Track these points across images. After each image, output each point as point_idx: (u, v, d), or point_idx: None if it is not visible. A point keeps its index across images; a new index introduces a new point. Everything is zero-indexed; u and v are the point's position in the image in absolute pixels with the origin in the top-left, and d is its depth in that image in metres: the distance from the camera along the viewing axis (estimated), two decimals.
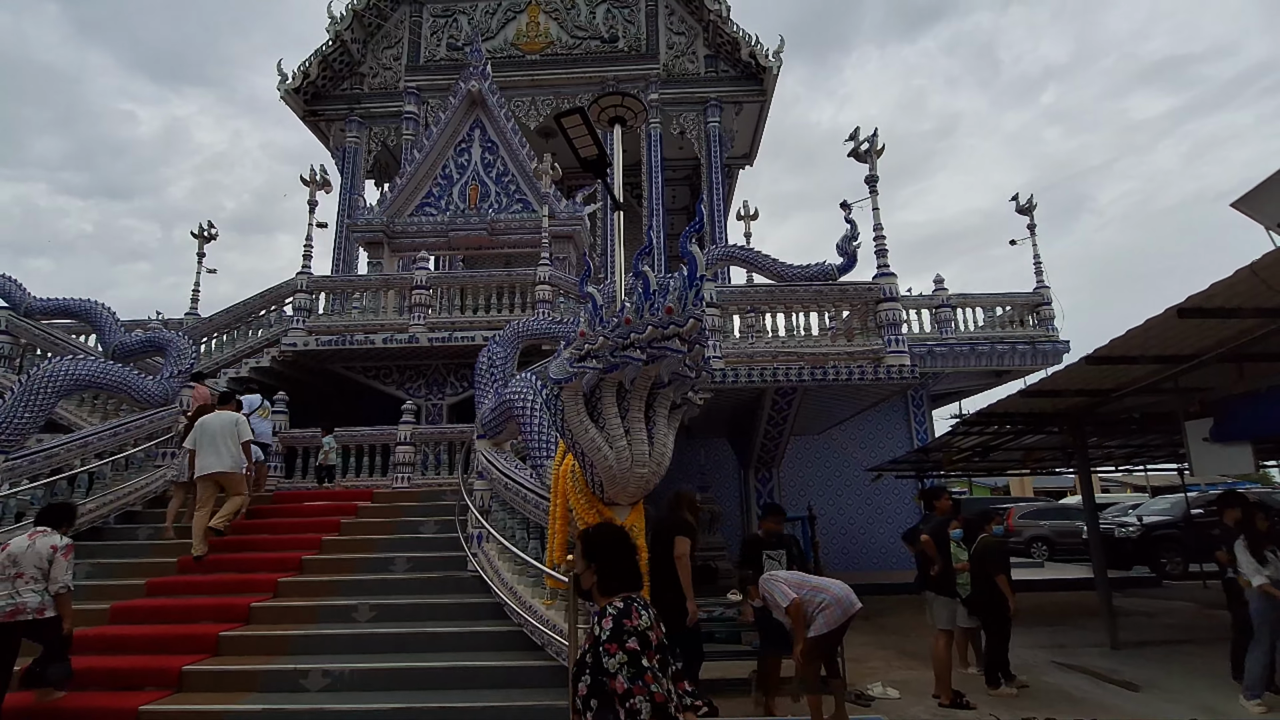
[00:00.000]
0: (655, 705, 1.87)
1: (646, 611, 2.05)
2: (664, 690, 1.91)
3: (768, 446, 10.53)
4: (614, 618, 1.99)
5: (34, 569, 4.32)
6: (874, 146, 8.46)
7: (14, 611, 4.20)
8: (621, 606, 2.03)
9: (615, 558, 2.15)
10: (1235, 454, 5.86)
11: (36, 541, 4.43)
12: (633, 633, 1.94)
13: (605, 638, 1.95)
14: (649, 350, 3.68)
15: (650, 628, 2.01)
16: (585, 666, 1.97)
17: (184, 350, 9.06)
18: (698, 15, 15.57)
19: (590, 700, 1.93)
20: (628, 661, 1.89)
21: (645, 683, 1.88)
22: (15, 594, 4.24)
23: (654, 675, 1.91)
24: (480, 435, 6.74)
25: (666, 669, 2.02)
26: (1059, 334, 11.52)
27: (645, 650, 1.94)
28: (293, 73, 15.30)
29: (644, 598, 2.13)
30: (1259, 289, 4.11)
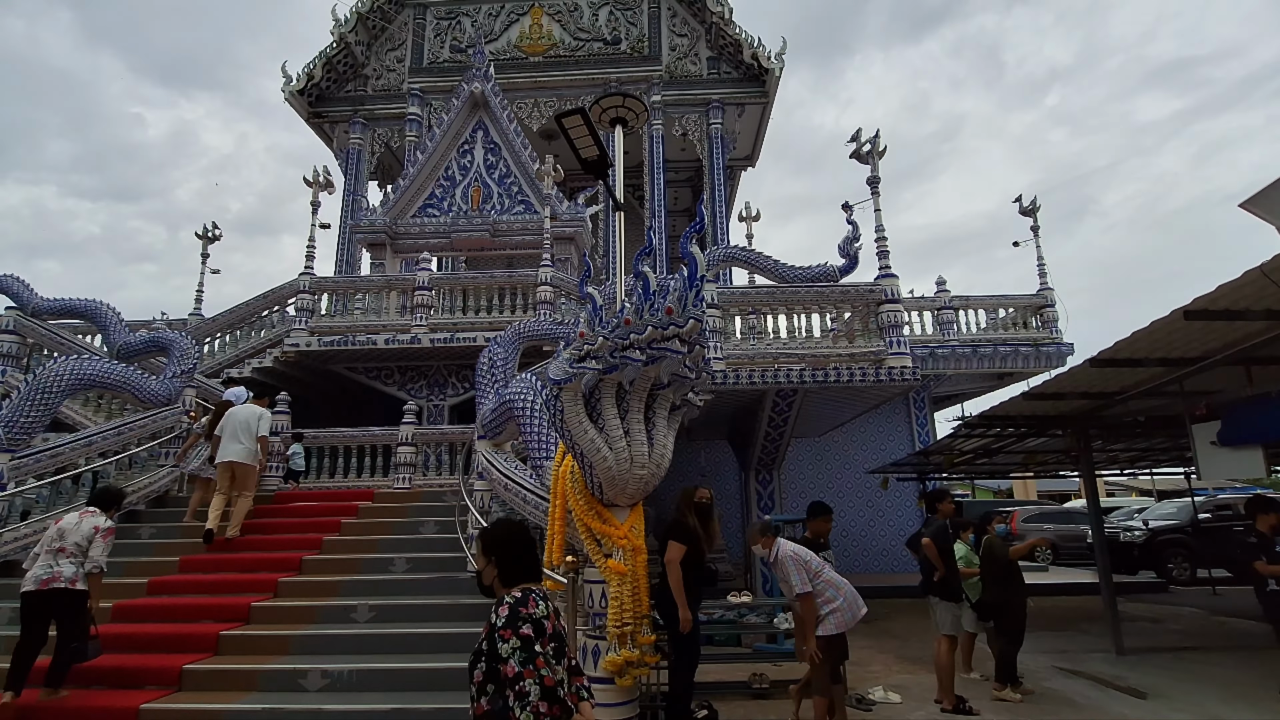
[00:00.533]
0: (544, 688, 1.93)
1: (544, 602, 2.12)
2: (554, 675, 1.98)
3: (768, 449, 10.49)
4: (510, 606, 2.05)
5: (75, 545, 4.66)
6: (876, 148, 8.43)
7: (50, 579, 4.51)
8: (519, 596, 2.09)
9: (514, 551, 2.22)
10: (1245, 458, 5.79)
11: (84, 521, 4.78)
12: (527, 619, 2.01)
13: (500, 625, 2.00)
14: (649, 351, 3.67)
15: (546, 617, 2.07)
16: (481, 655, 2.03)
17: (187, 350, 9.09)
18: (700, 17, 15.58)
19: (486, 686, 2.00)
20: (520, 646, 1.96)
21: (536, 666, 1.94)
22: (55, 564, 4.57)
23: (545, 660, 1.97)
24: (481, 436, 6.73)
25: (562, 658, 2.09)
26: (1062, 336, 11.46)
27: (539, 637, 2.00)
28: (297, 75, 15.36)
29: (543, 589, 2.20)
30: (1268, 291, 4.07)
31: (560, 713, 1.98)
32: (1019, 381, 11.93)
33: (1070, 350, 11.35)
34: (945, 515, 5.97)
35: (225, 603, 5.80)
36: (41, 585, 4.50)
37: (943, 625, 5.64)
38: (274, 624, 5.52)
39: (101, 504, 5.00)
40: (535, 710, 1.92)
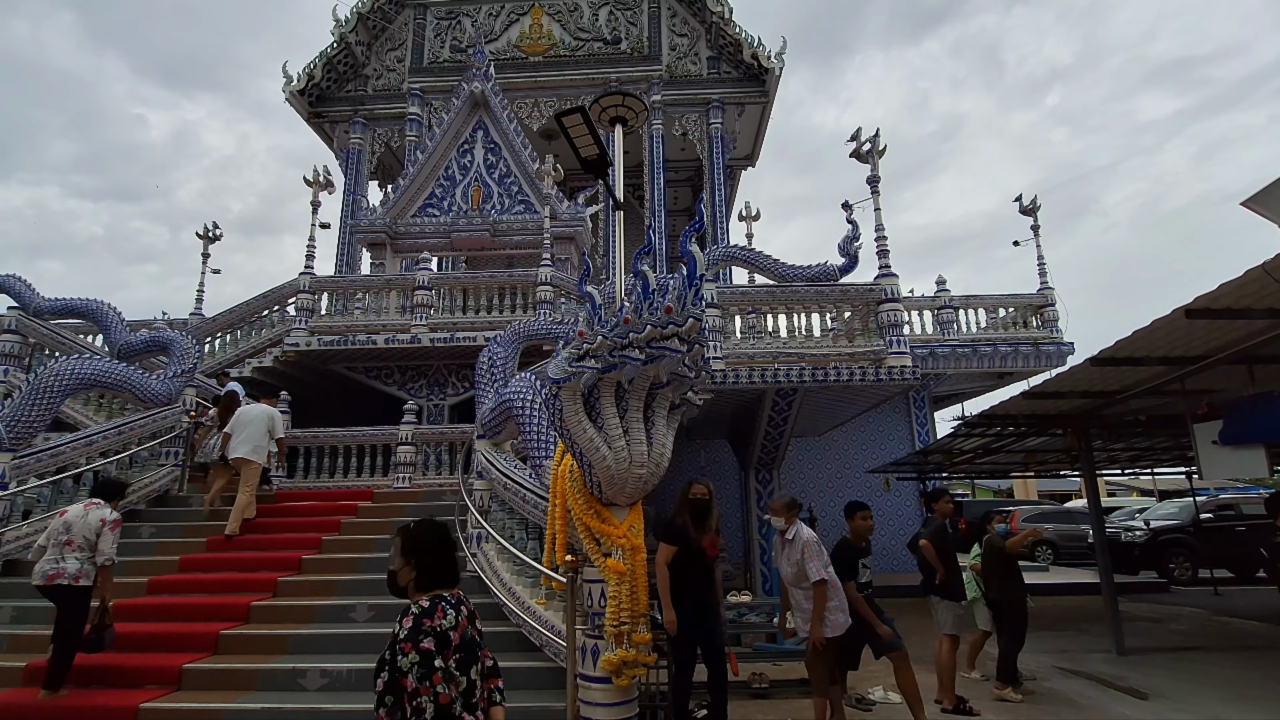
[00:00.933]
0: (439, 706, 1.94)
1: (455, 610, 2.09)
2: (452, 691, 1.97)
3: (768, 448, 10.48)
4: (415, 617, 2.03)
5: (82, 539, 4.69)
6: (875, 147, 8.42)
7: (54, 575, 4.59)
8: (426, 606, 2.07)
9: (436, 557, 2.18)
10: (1247, 457, 5.78)
11: (90, 513, 4.79)
12: (430, 632, 1.99)
13: (402, 637, 1.99)
14: (648, 350, 3.66)
15: (454, 627, 2.05)
16: (384, 663, 2.02)
17: (187, 350, 9.09)
18: (700, 17, 15.57)
19: (385, 696, 1.99)
20: (419, 661, 1.95)
21: (432, 683, 1.94)
22: (60, 559, 4.62)
23: (444, 676, 1.97)
24: (480, 435, 6.72)
25: (469, 667, 2.06)
26: (1063, 335, 11.44)
27: (442, 650, 1.99)
28: (297, 75, 15.37)
29: (456, 595, 2.16)
30: (1271, 289, 4.06)
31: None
32: (1019, 381, 11.92)
33: (1070, 349, 11.33)
34: (944, 515, 5.96)
35: (225, 602, 5.79)
36: (46, 581, 4.60)
37: (943, 625, 5.64)
38: (273, 623, 5.51)
39: (105, 495, 5.05)
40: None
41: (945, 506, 6.00)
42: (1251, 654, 6.98)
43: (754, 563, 10.74)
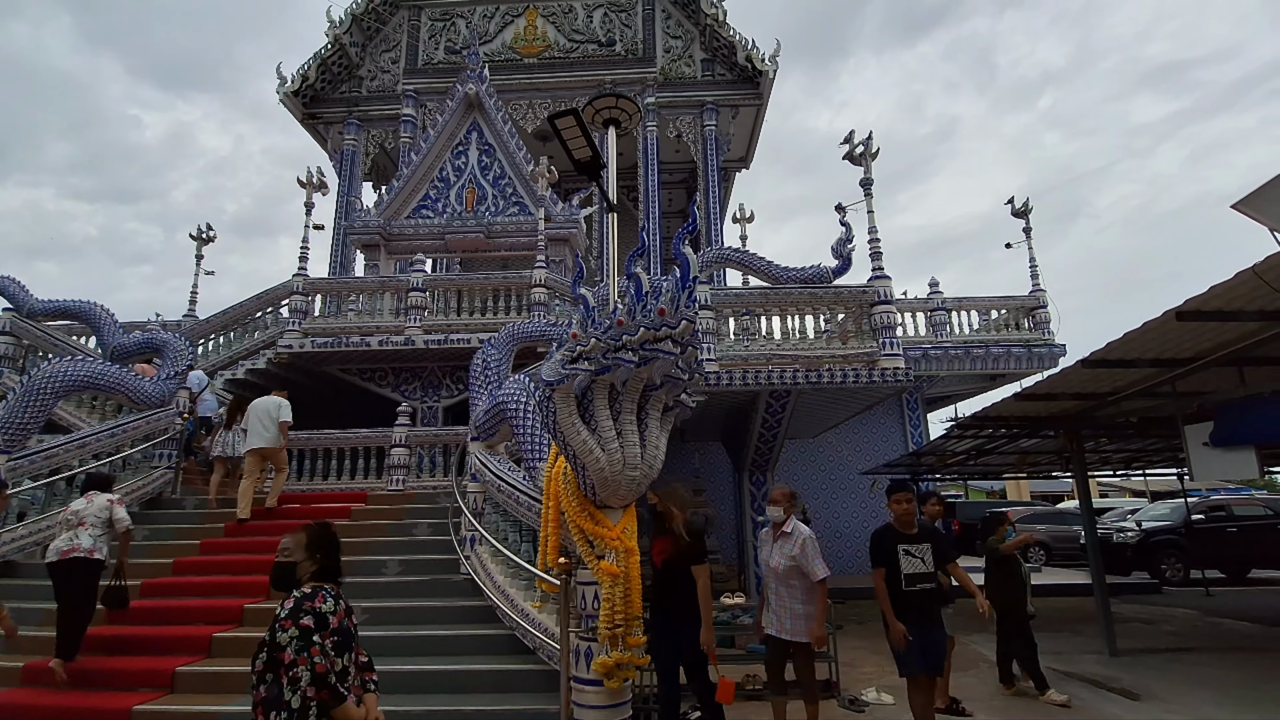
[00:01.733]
0: (315, 674, 2.05)
1: (334, 599, 2.24)
2: (327, 663, 2.08)
3: (762, 450, 10.50)
4: (297, 600, 2.18)
5: (95, 518, 5.09)
6: (869, 149, 8.45)
7: (70, 550, 4.91)
8: (308, 592, 2.23)
9: (334, 555, 2.40)
10: (1238, 459, 5.82)
11: (94, 500, 5.22)
12: (310, 613, 2.14)
13: (283, 615, 2.14)
14: (641, 352, 3.66)
15: (333, 612, 2.19)
16: (264, 644, 2.15)
17: (181, 352, 9.05)
18: (694, 19, 15.60)
19: (265, 675, 2.12)
20: (297, 635, 2.09)
21: (310, 654, 2.06)
22: (75, 537, 4.97)
23: (321, 650, 2.09)
24: (474, 437, 6.71)
25: (344, 652, 2.18)
26: (1055, 337, 11.50)
27: (320, 630, 2.12)
28: (292, 76, 15.34)
29: (337, 589, 2.33)
30: (1261, 291, 4.09)
31: (329, 697, 2.08)
32: (1012, 382, 11.97)
33: (1063, 351, 11.39)
34: (933, 517, 5.91)
35: (218, 605, 5.77)
36: (62, 555, 4.89)
37: None
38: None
39: (98, 486, 5.44)
40: (304, 694, 2.03)
41: (934, 509, 5.94)
42: (1243, 655, 7.02)
43: (748, 565, 10.75)
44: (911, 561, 4.17)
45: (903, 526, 4.29)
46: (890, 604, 4.12)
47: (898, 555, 4.16)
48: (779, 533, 4.43)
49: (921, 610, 4.10)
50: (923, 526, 4.36)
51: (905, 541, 4.23)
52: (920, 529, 4.31)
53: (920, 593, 4.12)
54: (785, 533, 4.37)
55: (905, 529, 4.28)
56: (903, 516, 4.29)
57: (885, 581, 4.14)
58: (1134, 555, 13.25)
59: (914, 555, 4.18)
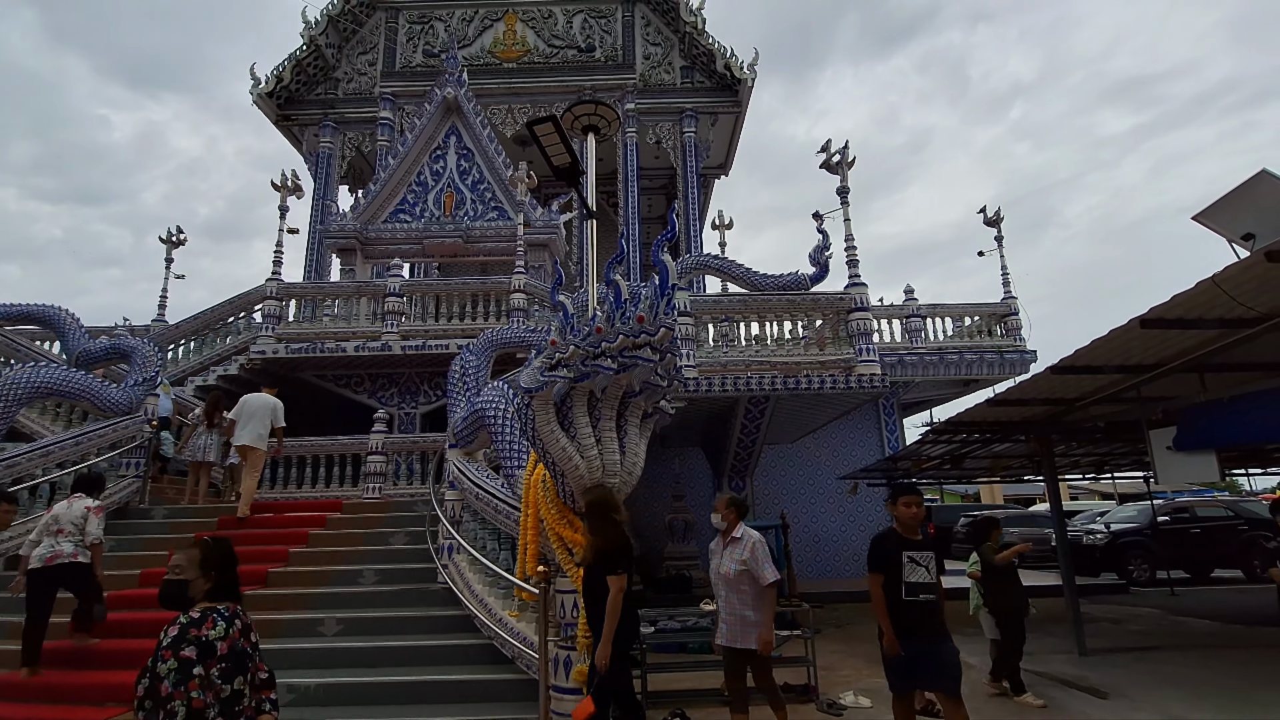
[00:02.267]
0: (190, 710, 2.00)
1: (225, 622, 2.17)
2: (205, 699, 2.04)
3: (741, 455, 10.56)
4: (181, 626, 2.11)
5: (71, 525, 5.19)
6: (845, 158, 8.58)
7: (53, 557, 5.05)
8: (196, 616, 2.15)
9: (229, 572, 2.31)
10: (1200, 462, 5.99)
11: (74, 504, 5.31)
12: (194, 641, 2.07)
13: (165, 644, 2.07)
14: (620, 359, 3.68)
15: (223, 638, 2.12)
16: (147, 670, 2.09)
17: (149, 358, 8.85)
18: (674, 27, 15.71)
19: (145, 701, 2.05)
20: (176, 668, 2.02)
21: (187, 689, 2.01)
22: (55, 544, 5.10)
23: (201, 683, 2.03)
24: (452, 445, 6.66)
25: (234, 677, 2.12)
26: (1026, 344, 11.74)
27: (204, 659, 2.06)
28: (266, 77, 15.12)
29: (232, 609, 2.24)
30: (1220, 300, 4.22)
31: None
32: (985, 388, 12.19)
33: (1034, 357, 11.63)
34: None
35: None
36: (46, 562, 5.01)
37: None
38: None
39: (86, 489, 5.52)
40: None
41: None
42: (1205, 652, 7.21)
43: None
44: (916, 570, 3.81)
45: (907, 531, 3.92)
46: (887, 614, 3.81)
47: (900, 562, 3.82)
48: (728, 540, 4.30)
49: (922, 622, 3.74)
50: (927, 534, 4.00)
51: (910, 548, 3.85)
52: (925, 537, 3.95)
53: (922, 604, 3.76)
54: (735, 538, 4.24)
55: (910, 534, 3.91)
56: (909, 521, 3.91)
57: (883, 589, 3.82)
58: (1103, 556, 13.54)
59: (919, 563, 3.82)
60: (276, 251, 10.97)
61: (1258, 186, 4.49)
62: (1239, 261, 3.81)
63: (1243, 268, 3.79)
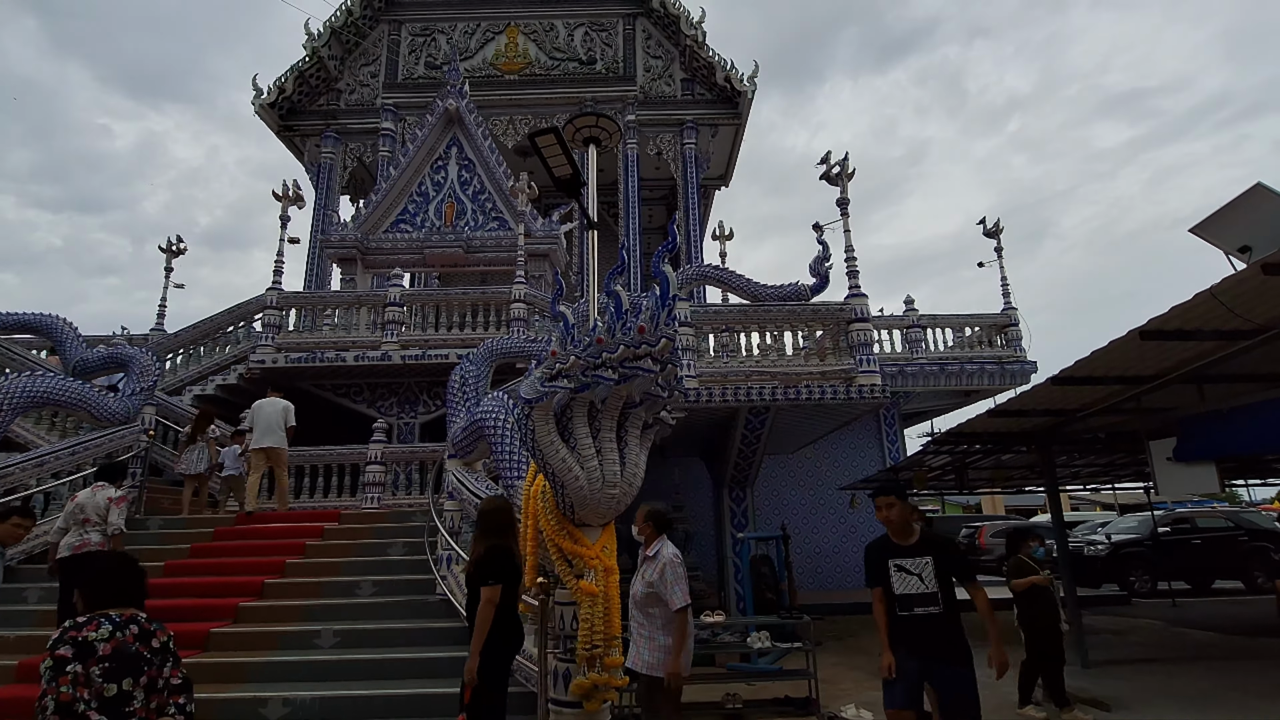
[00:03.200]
0: (59, 704, 2.08)
1: (112, 626, 2.25)
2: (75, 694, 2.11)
3: (741, 466, 10.53)
4: (64, 629, 2.21)
5: (95, 515, 5.33)
6: (844, 170, 8.61)
7: (81, 545, 5.21)
8: (81, 620, 2.25)
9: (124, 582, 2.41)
10: (1200, 473, 5.98)
11: (97, 493, 5.42)
12: (70, 642, 2.15)
13: (48, 646, 2.17)
14: (621, 370, 3.67)
15: (106, 639, 2.20)
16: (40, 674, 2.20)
17: (147, 367, 8.83)
18: (674, 40, 15.83)
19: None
20: (51, 666, 2.11)
21: (57, 684, 2.09)
22: (84, 532, 5.26)
23: (74, 680, 2.11)
24: (451, 455, 6.64)
25: (120, 678, 2.19)
26: (1026, 354, 11.75)
27: (84, 658, 2.14)
28: (268, 88, 15.21)
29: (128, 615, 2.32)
30: (1218, 312, 4.23)
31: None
32: (985, 398, 12.19)
33: (1034, 368, 11.63)
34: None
35: (182, 629, 5.55)
36: (75, 550, 5.19)
37: None
38: (233, 651, 5.35)
39: (109, 477, 5.64)
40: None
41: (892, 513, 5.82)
42: (1207, 664, 7.17)
43: (727, 581, 10.73)
44: (905, 579, 3.43)
45: (897, 537, 3.53)
46: (886, 631, 3.48)
47: (889, 572, 3.49)
48: (644, 557, 3.98)
49: (923, 640, 3.32)
50: (926, 537, 3.52)
51: (898, 555, 3.49)
52: (921, 539, 3.49)
53: (919, 619, 3.35)
54: (649, 556, 3.91)
55: (900, 539, 3.52)
56: (891, 524, 3.54)
57: (884, 604, 3.50)
58: (1104, 567, 13.48)
59: (909, 571, 3.42)
60: (277, 261, 10.99)
61: (1253, 199, 4.52)
62: (1236, 273, 3.83)
63: (1239, 280, 3.80)
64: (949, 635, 3.28)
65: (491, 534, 3.71)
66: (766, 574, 9.88)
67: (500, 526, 3.81)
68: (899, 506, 3.49)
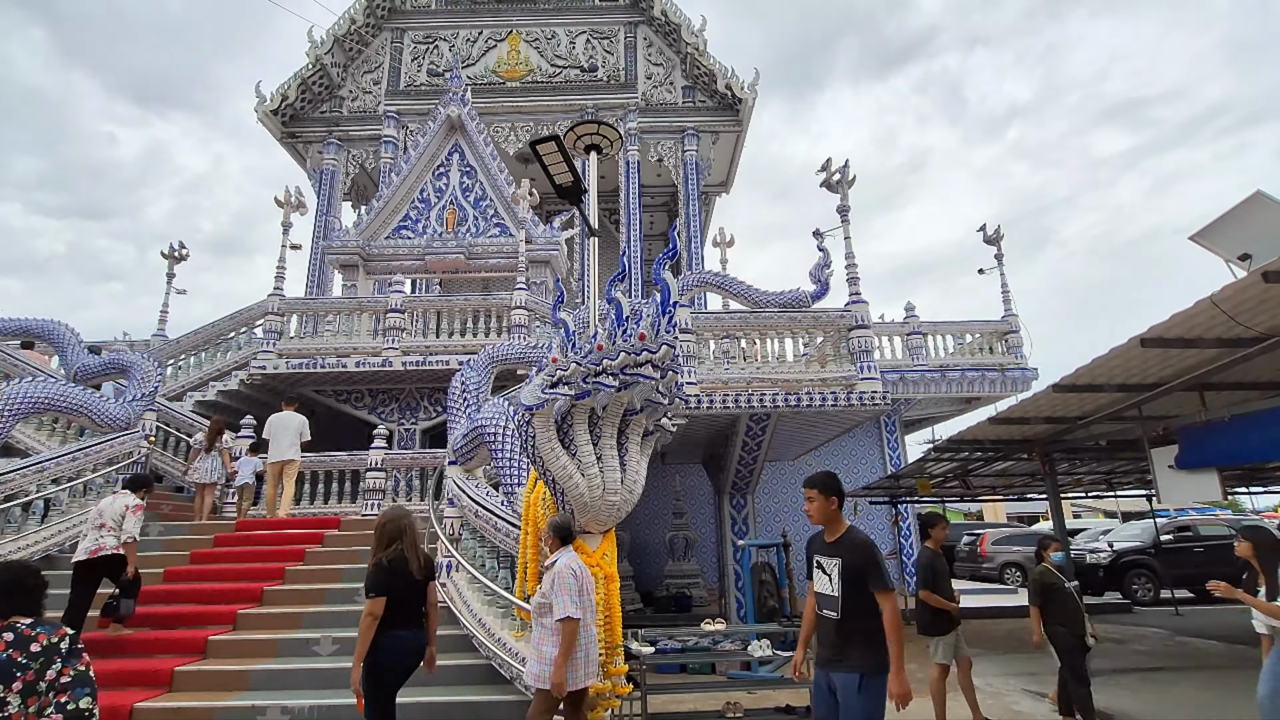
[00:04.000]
0: None
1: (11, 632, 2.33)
2: None
3: (742, 473, 10.51)
4: None
5: (112, 520, 5.52)
6: (845, 177, 8.63)
7: (97, 550, 5.41)
8: None
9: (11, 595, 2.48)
10: (1202, 481, 5.95)
11: (117, 500, 5.65)
12: None
13: None
14: (621, 377, 3.67)
15: None
16: None
17: (148, 373, 8.84)
18: (675, 48, 15.90)
19: None
20: None
21: None
22: (100, 537, 5.45)
23: None
24: (452, 461, 6.64)
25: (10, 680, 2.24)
26: (1027, 361, 11.73)
27: None
28: (271, 95, 15.28)
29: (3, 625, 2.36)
30: (1219, 320, 4.22)
31: None
32: (986, 405, 12.16)
33: (1035, 375, 11.61)
34: (937, 544, 5.68)
35: (182, 636, 5.59)
36: (91, 555, 5.38)
37: (937, 654, 5.55)
38: (232, 658, 5.33)
39: (132, 486, 5.91)
40: None
41: (940, 533, 5.73)
42: (1211, 673, 7.13)
43: (728, 589, 10.70)
44: (820, 578, 3.19)
45: (825, 533, 3.26)
46: (806, 630, 3.31)
47: (813, 568, 3.27)
48: (543, 567, 3.90)
49: (823, 643, 3.13)
50: (847, 538, 3.17)
51: (820, 551, 3.25)
52: (842, 539, 3.17)
53: (824, 620, 3.13)
54: (547, 566, 3.80)
55: (827, 535, 3.24)
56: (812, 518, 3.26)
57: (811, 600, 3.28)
58: (1106, 576, 13.43)
59: (823, 570, 3.17)
60: (279, 267, 11.01)
61: (1253, 208, 4.52)
62: (1236, 281, 3.82)
63: (1240, 288, 3.80)
64: (843, 642, 3.03)
65: (380, 545, 3.73)
66: (768, 581, 9.85)
67: (388, 537, 3.76)
68: (819, 501, 3.22)
